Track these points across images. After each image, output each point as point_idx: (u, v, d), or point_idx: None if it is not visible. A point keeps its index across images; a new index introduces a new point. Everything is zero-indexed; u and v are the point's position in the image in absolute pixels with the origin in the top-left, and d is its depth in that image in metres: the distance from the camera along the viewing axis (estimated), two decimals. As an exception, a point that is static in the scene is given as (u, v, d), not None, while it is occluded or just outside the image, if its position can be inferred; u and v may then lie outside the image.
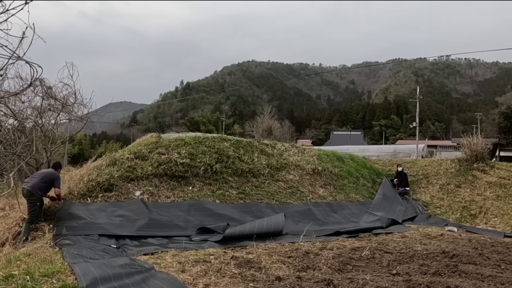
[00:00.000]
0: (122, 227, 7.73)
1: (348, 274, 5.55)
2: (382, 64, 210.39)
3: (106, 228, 7.49)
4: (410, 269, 5.96)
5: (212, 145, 12.14)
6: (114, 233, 7.38)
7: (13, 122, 8.80)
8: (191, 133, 15.98)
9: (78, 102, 9.40)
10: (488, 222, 11.83)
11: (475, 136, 16.11)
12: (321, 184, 13.11)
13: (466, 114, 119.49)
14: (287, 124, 64.20)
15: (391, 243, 8.35)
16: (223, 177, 11.06)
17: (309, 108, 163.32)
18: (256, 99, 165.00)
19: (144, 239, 7.46)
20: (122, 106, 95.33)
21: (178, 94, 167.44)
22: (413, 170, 15.87)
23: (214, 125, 74.24)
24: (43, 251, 6.11)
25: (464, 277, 5.57)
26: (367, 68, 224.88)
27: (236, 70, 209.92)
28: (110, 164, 10.09)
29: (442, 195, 13.86)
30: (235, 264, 5.73)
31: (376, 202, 12.82)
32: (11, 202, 9.68)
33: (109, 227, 7.56)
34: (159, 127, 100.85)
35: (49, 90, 8.74)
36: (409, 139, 73.96)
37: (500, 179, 13.83)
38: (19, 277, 4.44)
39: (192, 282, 4.84)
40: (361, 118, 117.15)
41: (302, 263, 6.06)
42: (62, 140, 11.29)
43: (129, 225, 7.87)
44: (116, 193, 9.08)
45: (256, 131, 47.17)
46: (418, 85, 74.03)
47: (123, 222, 7.93)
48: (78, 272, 4.67)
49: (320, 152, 15.45)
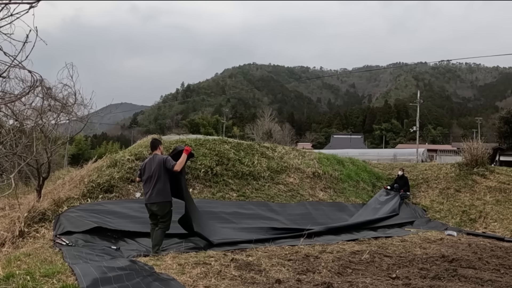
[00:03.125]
0: (121, 223, 7.71)
1: (348, 278, 5.56)
2: (382, 68, 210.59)
3: (106, 224, 7.46)
4: (410, 273, 5.96)
5: (213, 148, 12.16)
6: (113, 227, 7.34)
7: (14, 123, 8.82)
8: (191, 135, 16.00)
9: (78, 103, 9.39)
10: (487, 226, 11.83)
11: (475, 141, 16.11)
12: (321, 187, 13.12)
13: (466, 118, 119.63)
14: (288, 127, 64.38)
15: (391, 247, 8.36)
16: (223, 179, 11.07)
17: (310, 111, 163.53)
18: (256, 102, 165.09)
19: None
20: (122, 107, 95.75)
21: (178, 96, 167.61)
22: (413, 174, 15.87)
23: (214, 127, 74.34)
24: (43, 252, 6.12)
25: (464, 281, 5.58)
26: (368, 72, 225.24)
27: (237, 73, 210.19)
28: (110, 165, 10.11)
29: (442, 200, 13.86)
30: (235, 266, 5.74)
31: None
32: (11, 202, 9.70)
33: (108, 222, 7.54)
34: (159, 129, 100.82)
35: (48, 90, 8.76)
36: (409, 143, 74.01)
37: (500, 184, 13.84)
38: (19, 277, 4.45)
39: (192, 284, 4.84)
40: (362, 121, 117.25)
41: (302, 266, 6.06)
42: (63, 141, 11.29)
43: (129, 221, 7.87)
44: (116, 194, 9.11)
45: (256, 134, 47.27)
46: (419, 89, 74.07)
47: (122, 219, 7.90)
48: (79, 272, 4.68)
49: (320, 155, 15.46)
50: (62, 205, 8.26)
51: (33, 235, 7.23)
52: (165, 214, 6.54)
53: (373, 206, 12.87)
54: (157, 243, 6.47)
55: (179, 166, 6.46)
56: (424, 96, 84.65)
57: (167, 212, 6.55)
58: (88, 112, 10.05)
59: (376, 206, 12.89)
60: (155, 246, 6.46)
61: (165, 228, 6.57)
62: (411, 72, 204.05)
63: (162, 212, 6.52)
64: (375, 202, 13.22)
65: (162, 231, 6.53)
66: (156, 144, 6.95)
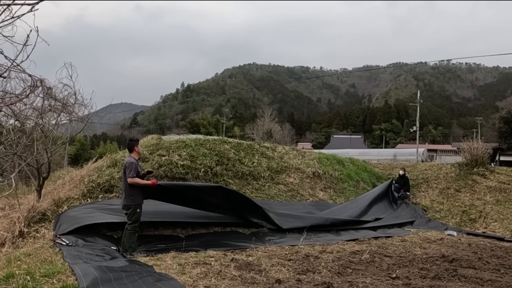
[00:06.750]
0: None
1: (348, 278, 5.56)
2: (382, 68, 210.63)
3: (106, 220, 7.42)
4: (410, 273, 5.96)
5: (213, 148, 12.16)
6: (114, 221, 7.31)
7: (14, 123, 8.81)
8: (191, 135, 16.01)
9: (78, 103, 9.38)
10: (487, 226, 11.83)
11: (475, 141, 16.11)
12: (321, 187, 13.12)
13: (467, 118, 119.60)
14: (288, 127, 64.34)
15: (391, 246, 8.36)
16: (223, 179, 11.06)
17: (310, 111, 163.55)
18: (256, 102, 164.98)
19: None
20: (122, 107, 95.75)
21: (178, 96, 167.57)
22: (413, 174, 15.86)
23: (215, 127, 74.35)
24: (43, 252, 6.11)
25: (464, 281, 5.58)
26: (368, 71, 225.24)
27: (237, 73, 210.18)
28: (110, 165, 10.11)
29: (442, 199, 13.85)
30: (235, 266, 5.74)
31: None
32: (11, 202, 9.69)
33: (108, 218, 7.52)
34: (159, 129, 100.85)
35: (49, 90, 8.75)
36: (409, 143, 73.99)
37: (500, 183, 13.84)
38: (19, 277, 4.46)
39: (192, 284, 4.85)
40: (362, 121, 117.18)
41: (302, 266, 6.07)
42: (63, 141, 11.28)
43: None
44: (116, 194, 9.08)
45: (257, 134, 47.29)
46: (419, 89, 74.03)
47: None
48: (79, 272, 4.68)
49: (320, 155, 15.46)
50: (62, 205, 8.26)
51: (33, 235, 7.22)
52: (130, 215, 6.48)
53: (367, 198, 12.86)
54: (130, 246, 6.42)
55: (132, 181, 6.38)
56: (424, 96, 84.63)
57: (131, 214, 6.47)
58: (89, 112, 10.05)
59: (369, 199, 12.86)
60: (126, 250, 6.40)
61: (132, 230, 6.48)
62: (411, 72, 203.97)
63: (127, 213, 6.50)
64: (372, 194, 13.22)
65: (130, 233, 6.48)
66: (131, 146, 6.88)
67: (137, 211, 6.52)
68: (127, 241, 6.45)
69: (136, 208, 6.50)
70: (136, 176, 6.42)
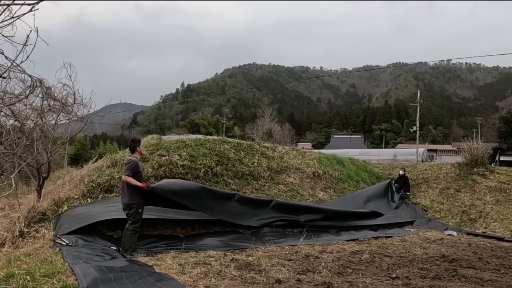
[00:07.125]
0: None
1: (348, 278, 5.56)
2: (382, 68, 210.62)
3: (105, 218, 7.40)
4: (410, 273, 5.96)
5: (213, 148, 12.16)
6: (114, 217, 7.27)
7: (14, 123, 8.81)
8: (191, 135, 16.01)
9: (78, 102, 9.37)
10: (487, 226, 11.82)
11: (475, 141, 16.10)
12: (321, 187, 13.12)
13: (467, 118, 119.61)
14: (288, 127, 64.38)
15: (391, 246, 8.36)
16: (223, 179, 11.07)
17: (310, 111, 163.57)
18: (256, 102, 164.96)
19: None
20: (122, 107, 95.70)
21: (178, 96, 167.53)
22: (413, 174, 15.87)
23: (215, 127, 74.36)
24: (43, 252, 6.11)
25: (464, 281, 5.58)
26: (368, 71, 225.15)
27: (237, 73, 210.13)
28: (110, 165, 10.11)
29: (442, 199, 13.85)
30: (235, 266, 5.74)
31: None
32: (11, 202, 9.69)
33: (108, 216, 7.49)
34: (159, 129, 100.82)
35: (48, 90, 8.75)
36: (409, 143, 73.98)
37: (500, 183, 13.84)
38: (19, 277, 4.46)
39: (192, 284, 4.85)
40: (362, 121, 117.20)
41: (302, 266, 6.07)
42: (63, 141, 11.27)
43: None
44: (116, 194, 9.08)
45: (257, 134, 47.30)
46: (419, 89, 74.01)
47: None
48: (79, 272, 4.68)
49: (320, 155, 15.47)
50: (62, 205, 8.27)
51: (33, 235, 7.22)
52: (132, 215, 6.47)
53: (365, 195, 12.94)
54: (130, 246, 6.41)
55: (125, 179, 6.41)
56: (424, 96, 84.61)
57: (133, 214, 6.47)
58: (88, 111, 10.04)
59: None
60: (126, 250, 6.39)
61: (132, 230, 6.47)
62: (411, 72, 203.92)
63: (129, 214, 6.49)
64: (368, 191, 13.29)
65: (130, 234, 6.47)
66: (133, 146, 6.83)
67: (139, 211, 6.53)
68: (128, 241, 6.45)
69: (138, 208, 6.51)
70: (132, 177, 6.42)
